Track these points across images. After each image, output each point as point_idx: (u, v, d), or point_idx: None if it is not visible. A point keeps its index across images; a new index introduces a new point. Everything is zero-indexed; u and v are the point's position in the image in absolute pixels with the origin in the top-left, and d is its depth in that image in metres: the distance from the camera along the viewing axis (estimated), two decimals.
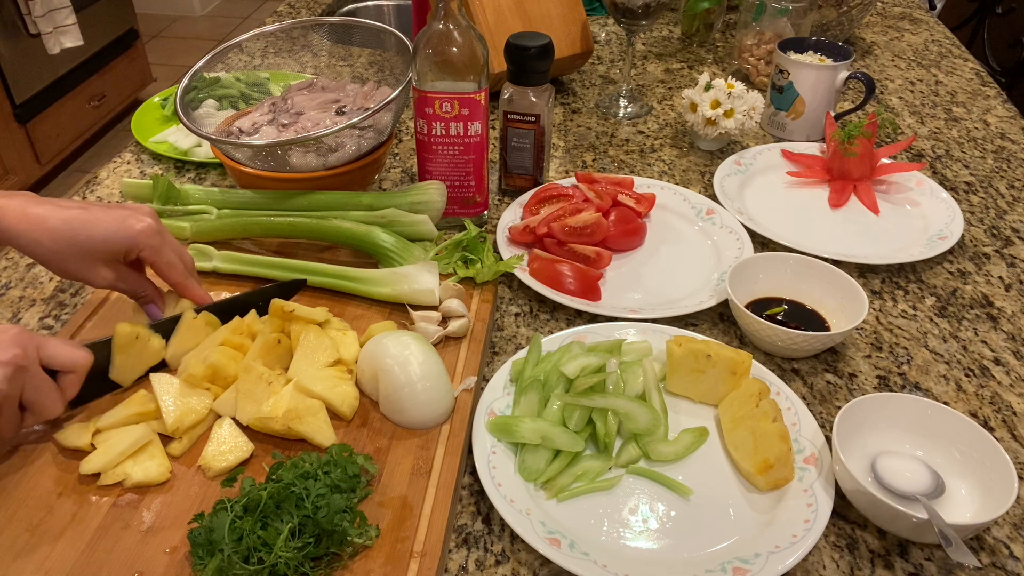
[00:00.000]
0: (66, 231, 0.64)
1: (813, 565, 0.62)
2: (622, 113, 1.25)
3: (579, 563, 0.59)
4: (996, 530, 0.65)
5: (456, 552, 0.63)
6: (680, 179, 1.09)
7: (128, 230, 0.67)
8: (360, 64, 1.39)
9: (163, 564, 0.58)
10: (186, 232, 0.89)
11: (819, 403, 0.76)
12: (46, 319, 0.84)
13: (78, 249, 0.65)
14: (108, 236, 0.66)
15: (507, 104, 0.96)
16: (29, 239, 0.63)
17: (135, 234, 0.68)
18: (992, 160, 1.15)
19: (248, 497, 0.58)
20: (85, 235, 0.65)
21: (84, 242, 0.65)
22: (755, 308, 0.83)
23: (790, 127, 1.18)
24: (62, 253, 0.64)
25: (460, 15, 0.83)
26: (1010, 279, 0.92)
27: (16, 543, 0.59)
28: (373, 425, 0.69)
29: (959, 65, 1.44)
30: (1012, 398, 0.77)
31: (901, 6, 1.69)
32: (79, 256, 0.65)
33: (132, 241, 0.68)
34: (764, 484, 0.65)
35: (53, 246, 0.64)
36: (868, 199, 1.04)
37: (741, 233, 0.95)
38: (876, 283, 0.91)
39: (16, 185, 2.67)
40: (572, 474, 0.66)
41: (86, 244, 0.65)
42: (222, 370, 0.71)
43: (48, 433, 0.67)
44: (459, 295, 0.81)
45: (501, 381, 0.73)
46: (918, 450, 0.68)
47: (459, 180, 0.93)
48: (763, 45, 1.31)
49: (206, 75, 1.09)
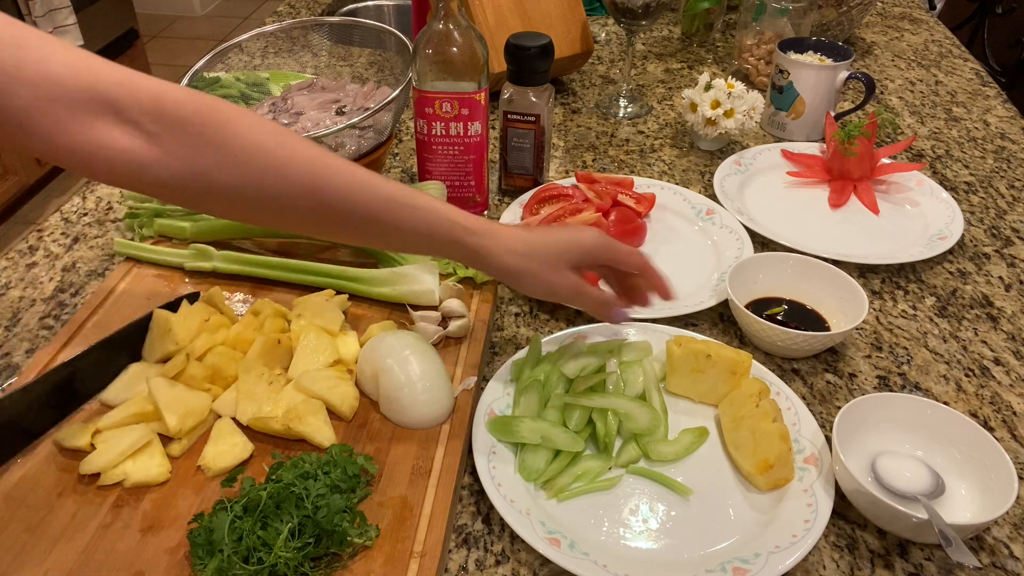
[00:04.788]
0: (535, 239, 0.67)
1: (813, 565, 0.62)
2: (622, 113, 1.25)
3: (579, 563, 0.59)
4: (996, 530, 0.65)
5: (456, 552, 0.63)
6: (680, 179, 1.09)
7: (586, 231, 0.70)
8: (360, 64, 1.39)
9: (163, 564, 0.58)
10: (186, 232, 0.89)
11: (819, 403, 0.76)
12: (46, 319, 0.84)
13: (550, 254, 0.67)
14: (572, 238, 0.69)
15: (507, 104, 0.96)
16: (504, 248, 0.65)
17: (595, 233, 0.70)
18: (992, 160, 1.15)
19: (248, 497, 0.58)
20: (553, 240, 0.68)
21: (553, 246, 0.68)
22: (755, 308, 0.83)
23: (790, 127, 1.18)
24: (536, 258, 0.66)
25: (460, 15, 0.83)
26: (1010, 279, 0.92)
27: (16, 543, 0.59)
28: (373, 425, 0.69)
29: (959, 65, 1.44)
30: (1012, 398, 0.77)
31: (901, 6, 1.69)
32: (552, 262, 0.67)
33: (593, 239, 0.69)
34: (764, 484, 0.65)
35: (528, 251, 0.66)
36: (868, 199, 1.04)
37: (741, 233, 0.95)
38: (876, 283, 0.91)
39: (16, 185, 2.66)
40: (572, 474, 0.66)
41: (554, 248, 0.68)
42: (222, 370, 0.71)
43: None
44: (459, 295, 0.81)
45: (501, 381, 0.73)
46: (918, 450, 0.68)
47: (459, 180, 0.93)
48: (763, 45, 1.31)
49: (206, 75, 1.08)
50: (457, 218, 0.64)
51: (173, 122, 0.55)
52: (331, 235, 0.71)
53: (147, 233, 0.91)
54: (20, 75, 0.50)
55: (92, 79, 0.52)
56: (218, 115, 0.57)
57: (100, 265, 0.91)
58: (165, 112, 0.55)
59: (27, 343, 0.80)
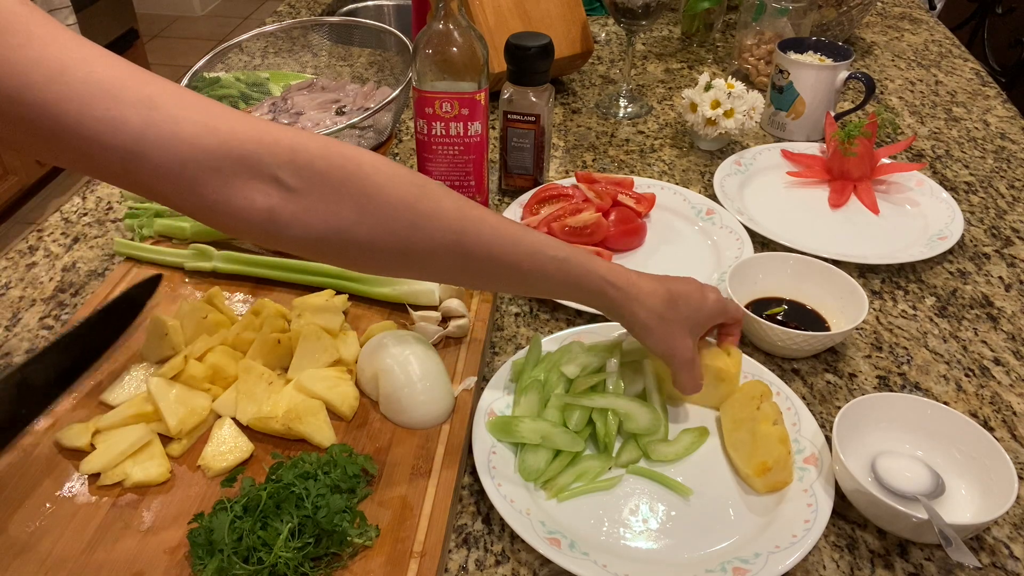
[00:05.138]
0: (671, 298, 0.66)
1: (813, 565, 0.62)
2: (622, 113, 1.25)
3: (579, 563, 0.59)
4: (996, 530, 0.65)
5: (456, 552, 0.63)
6: (680, 179, 1.09)
7: (709, 293, 0.69)
8: (360, 64, 1.39)
9: (163, 564, 0.58)
10: (186, 232, 0.89)
11: (819, 403, 0.76)
12: (46, 319, 0.84)
13: (680, 318, 0.67)
14: (699, 305, 0.68)
15: (507, 104, 0.96)
16: (644, 306, 0.65)
17: (716, 297, 0.69)
18: (992, 160, 1.15)
19: (248, 497, 0.58)
20: (683, 302, 0.67)
21: (683, 309, 0.67)
22: (755, 308, 0.83)
23: (790, 127, 1.18)
24: (668, 320, 0.66)
25: (460, 15, 0.83)
26: (1010, 279, 0.92)
27: (16, 543, 0.59)
28: (373, 425, 0.69)
29: (959, 65, 1.44)
30: (1012, 398, 0.77)
31: (901, 6, 1.69)
32: (680, 326, 0.67)
33: (714, 305, 0.69)
34: (761, 487, 0.65)
35: (663, 313, 0.66)
36: (868, 199, 1.04)
37: (741, 233, 0.95)
38: (876, 283, 0.91)
39: (16, 185, 2.67)
40: (572, 474, 0.66)
41: (684, 311, 0.67)
42: (222, 370, 0.71)
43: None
44: (459, 295, 0.81)
45: (501, 381, 0.73)
46: (918, 450, 0.68)
47: (459, 180, 0.93)
48: (763, 45, 1.31)
49: (206, 75, 1.09)
50: (604, 272, 0.64)
51: (311, 177, 0.53)
52: (475, 285, 0.71)
53: (147, 233, 0.91)
54: (149, 135, 0.48)
55: (227, 136, 0.50)
56: (358, 168, 0.54)
57: (100, 265, 0.91)
58: (302, 166, 0.52)
59: (27, 343, 0.80)
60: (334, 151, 0.54)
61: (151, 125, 0.48)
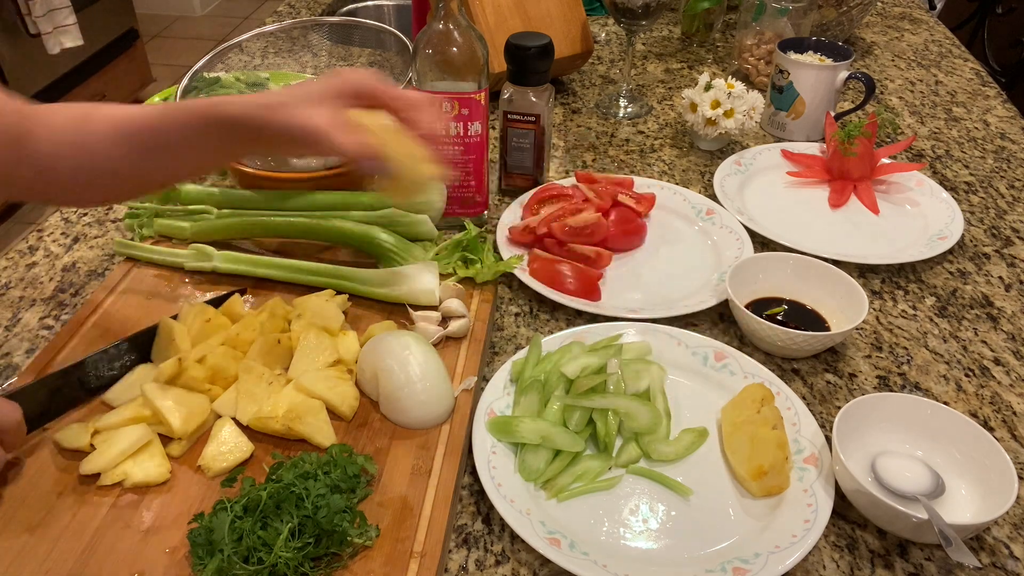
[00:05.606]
0: (274, 91, 0.68)
1: (813, 565, 0.62)
2: (622, 113, 1.25)
3: (579, 563, 0.59)
4: (996, 530, 0.65)
5: (456, 552, 0.63)
6: (680, 179, 1.09)
7: (354, 72, 0.67)
8: (360, 64, 1.39)
9: (163, 564, 0.58)
10: (186, 232, 0.89)
11: (819, 403, 0.76)
12: (46, 319, 0.84)
13: (291, 95, 0.64)
14: (324, 81, 0.66)
15: (507, 104, 0.96)
16: (247, 104, 0.64)
17: (366, 72, 0.67)
18: (992, 160, 1.15)
19: (248, 497, 0.58)
20: (293, 88, 0.66)
21: (295, 91, 0.65)
22: (755, 308, 0.83)
23: (790, 127, 1.18)
24: (274, 106, 0.63)
25: (460, 15, 0.83)
26: (1010, 279, 0.92)
27: (16, 543, 0.59)
28: (373, 425, 0.69)
29: (959, 65, 1.44)
30: (1012, 398, 0.77)
31: (901, 6, 1.69)
32: (295, 101, 0.64)
33: (359, 79, 0.66)
34: (758, 490, 0.65)
35: (268, 100, 0.64)
36: (868, 199, 1.04)
37: (741, 233, 0.95)
38: (876, 283, 0.91)
39: None
40: (572, 474, 0.66)
41: (296, 91, 0.65)
42: (222, 370, 0.71)
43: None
44: (459, 295, 0.81)
45: (501, 381, 0.73)
46: (918, 450, 0.68)
47: (459, 180, 0.93)
48: (763, 45, 1.31)
49: (206, 75, 1.09)
50: (216, 101, 0.65)
51: None
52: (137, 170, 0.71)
53: (147, 233, 0.91)
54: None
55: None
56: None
57: (100, 265, 0.91)
58: None
59: (27, 343, 0.80)
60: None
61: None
